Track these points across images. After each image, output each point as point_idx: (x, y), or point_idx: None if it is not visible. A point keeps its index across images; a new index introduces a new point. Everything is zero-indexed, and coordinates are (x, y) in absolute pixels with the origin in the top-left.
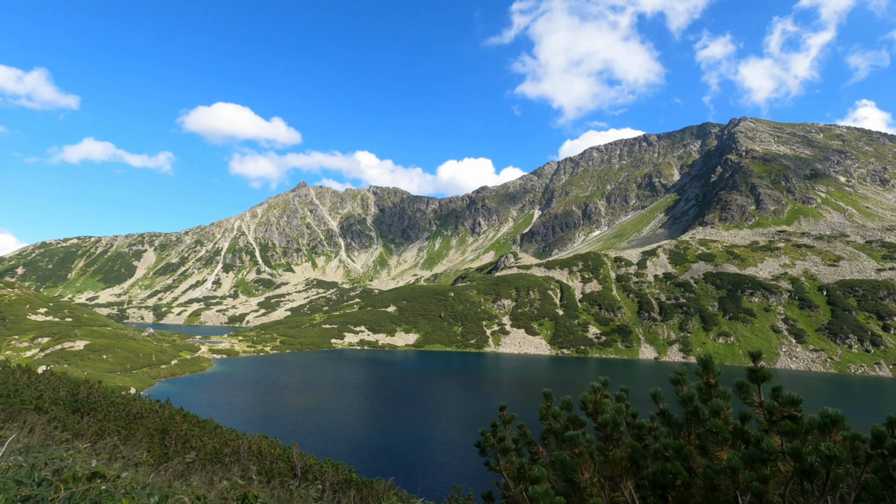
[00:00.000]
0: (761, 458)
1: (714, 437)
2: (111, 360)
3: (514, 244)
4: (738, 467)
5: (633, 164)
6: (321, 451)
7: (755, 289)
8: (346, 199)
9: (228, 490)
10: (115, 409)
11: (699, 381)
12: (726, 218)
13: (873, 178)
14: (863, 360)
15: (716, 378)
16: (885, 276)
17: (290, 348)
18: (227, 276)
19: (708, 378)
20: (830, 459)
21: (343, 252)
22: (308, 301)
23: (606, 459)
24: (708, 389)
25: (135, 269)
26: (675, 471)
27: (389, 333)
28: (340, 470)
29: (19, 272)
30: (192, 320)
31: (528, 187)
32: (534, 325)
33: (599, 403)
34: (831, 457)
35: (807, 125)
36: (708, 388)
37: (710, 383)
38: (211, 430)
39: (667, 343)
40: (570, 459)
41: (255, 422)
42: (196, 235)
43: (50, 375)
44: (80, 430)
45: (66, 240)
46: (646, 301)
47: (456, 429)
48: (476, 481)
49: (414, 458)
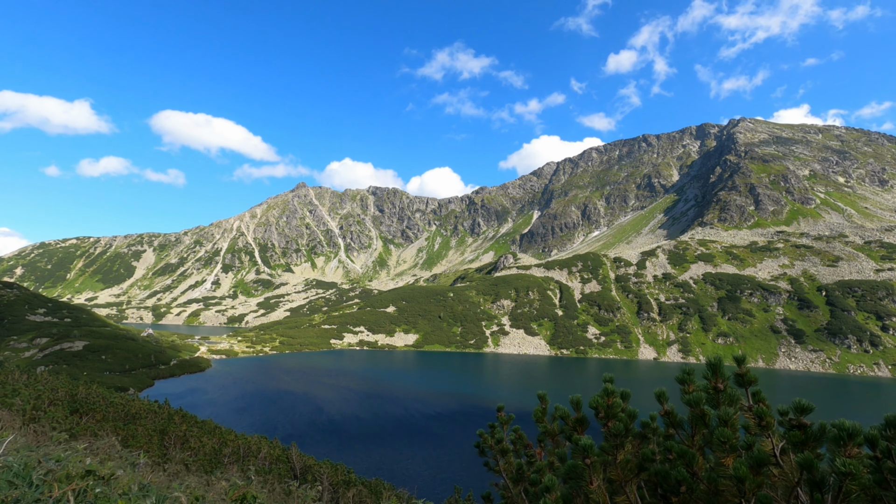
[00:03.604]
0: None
1: (722, 446)
2: (110, 360)
3: (514, 245)
4: (745, 476)
5: (632, 165)
6: (320, 451)
7: (754, 289)
8: (345, 199)
9: (227, 490)
10: (114, 410)
11: (705, 382)
12: (725, 218)
13: (872, 178)
14: (862, 360)
15: (724, 383)
16: (883, 276)
17: (289, 349)
18: (227, 277)
19: (717, 382)
20: (846, 475)
21: (342, 252)
22: (307, 301)
23: (613, 463)
24: (716, 395)
25: (134, 270)
26: (679, 477)
27: (389, 334)
28: (339, 470)
29: (18, 272)
30: (191, 321)
31: (528, 188)
32: (533, 326)
33: (611, 407)
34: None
35: (806, 125)
36: (716, 394)
37: (718, 388)
38: (210, 430)
39: (666, 343)
40: (581, 466)
41: (254, 422)
42: (195, 236)
43: (49, 376)
44: (78, 430)
45: (65, 240)
46: (645, 301)
47: (455, 429)
48: (476, 481)
49: (413, 457)
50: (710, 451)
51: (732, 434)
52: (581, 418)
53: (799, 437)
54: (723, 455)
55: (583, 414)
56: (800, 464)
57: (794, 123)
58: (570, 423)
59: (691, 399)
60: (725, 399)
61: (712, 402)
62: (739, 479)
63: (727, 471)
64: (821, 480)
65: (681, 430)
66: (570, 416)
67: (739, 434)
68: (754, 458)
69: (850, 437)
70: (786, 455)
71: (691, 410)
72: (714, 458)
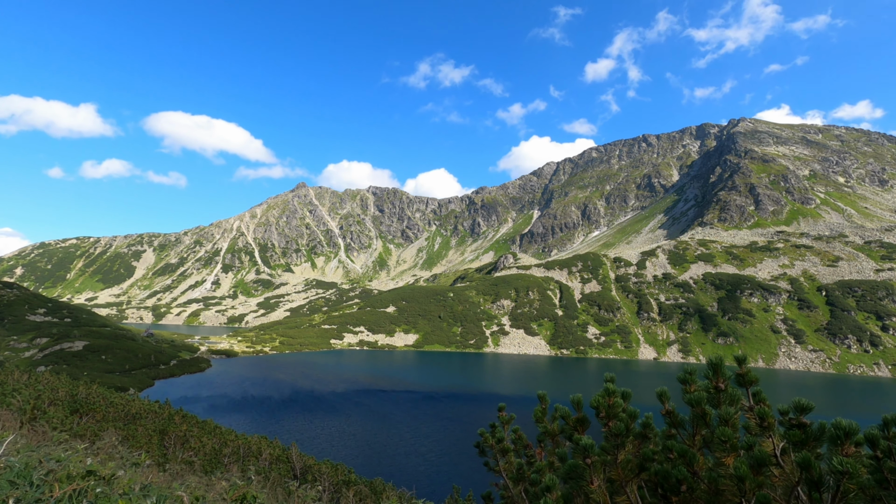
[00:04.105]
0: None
1: (722, 446)
2: (110, 360)
3: (514, 245)
4: (745, 476)
5: (632, 165)
6: (320, 451)
7: (754, 289)
8: (345, 199)
9: (227, 490)
10: (114, 410)
11: (706, 382)
12: (725, 218)
13: (872, 178)
14: (862, 360)
15: (725, 382)
16: (883, 276)
17: (289, 349)
18: (227, 277)
19: (717, 382)
20: (843, 474)
21: (342, 252)
22: (307, 301)
23: (614, 463)
24: (717, 394)
25: (134, 270)
26: (680, 476)
27: (389, 334)
28: (340, 470)
29: (18, 272)
30: (191, 321)
31: (528, 188)
32: (533, 326)
33: (612, 407)
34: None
35: (805, 125)
36: (717, 393)
37: (719, 388)
38: (210, 430)
39: (666, 343)
40: (581, 466)
41: (254, 422)
42: (195, 236)
43: (49, 376)
44: (78, 430)
45: (65, 240)
46: (645, 301)
47: (455, 429)
48: (475, 481)
49: (413, 457)
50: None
51: (733, 433)
52: (582, 418)
53: (799, 437)
54: (723, 454)
55: (583, 414)
56: (798, 463)
57: (794, 123)
58: (570, 423)
59: (693, 398)
60: (726, 399)
61: (713, 402)
62: (740, 478)
63: (728, 470)
64: (819, 479)
65: (682, 430)
66: (571, 415)
67: (740, 434)
68: (755, 458)
69: (847, 436)
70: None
71: (693, 410)
72: (714, 458)
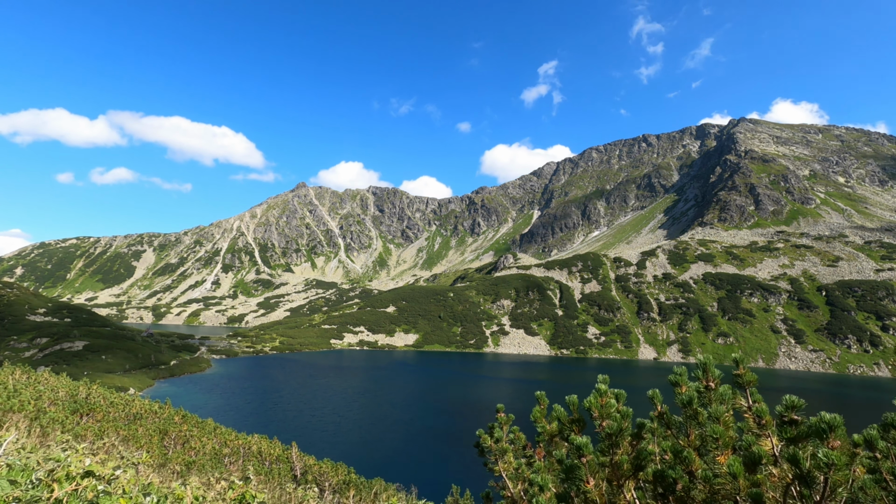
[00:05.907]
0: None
1: (715, 443)
2: (110, 360)
3: (514, 245)
4: (738, 473)
5: (632, 165)
6: (320, 451)
7: (754, 289)
8: (345, 199)
9: (227, 490)
10: (115, 410)
11: (698, 382)
12: (725, 218)
13: (872, 178)
14: (862, 360)
15: (715, 381)
16: (883, 276)
17: (289, 349)
18: (227, 277)
19: (707, 381)
20: (829, 466)
21: (342, 252)
22: (307, 301)
23: (609, 463)
24: (707, 393)
25: (134, 270)
26: (676, 476)
27: (389, 334)
28: (340, 470)
29: (18, 272)
30: (191, 321)
31: (528, 188)
32: (533, 326)
33: (605, 407)
34: (829, 464)
35: (805, 125)
36: (708, 392)
37: (709, 387)
38: (210, 430)
39: (666, 343)
40: (576, 465)
41: (254, 422)
42: (195, 236)
43: (49, 376)
44: (79, 430)
45: (65, 240)
46: (645, 301)
47: (455, 429)
48: (475, 481)
49: (413, 457)
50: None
51: (725, 431)
52: (577, 419)
53: (791, 433)
54: (717, 453)
55: (579, 414)
56: (786, 458)
57: (794, 123)
58: (566, 424)
59: (683, 399)
60: (717, 397)
61: (704, 401)
62: (733, 475)
63: (722, 468)
64: (808, 474)
65: (675, 430)
66: (567, 416)
67: (738, 434)
68: (748, 456)
69: (830, 430)
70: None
71: (684, 410)
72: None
